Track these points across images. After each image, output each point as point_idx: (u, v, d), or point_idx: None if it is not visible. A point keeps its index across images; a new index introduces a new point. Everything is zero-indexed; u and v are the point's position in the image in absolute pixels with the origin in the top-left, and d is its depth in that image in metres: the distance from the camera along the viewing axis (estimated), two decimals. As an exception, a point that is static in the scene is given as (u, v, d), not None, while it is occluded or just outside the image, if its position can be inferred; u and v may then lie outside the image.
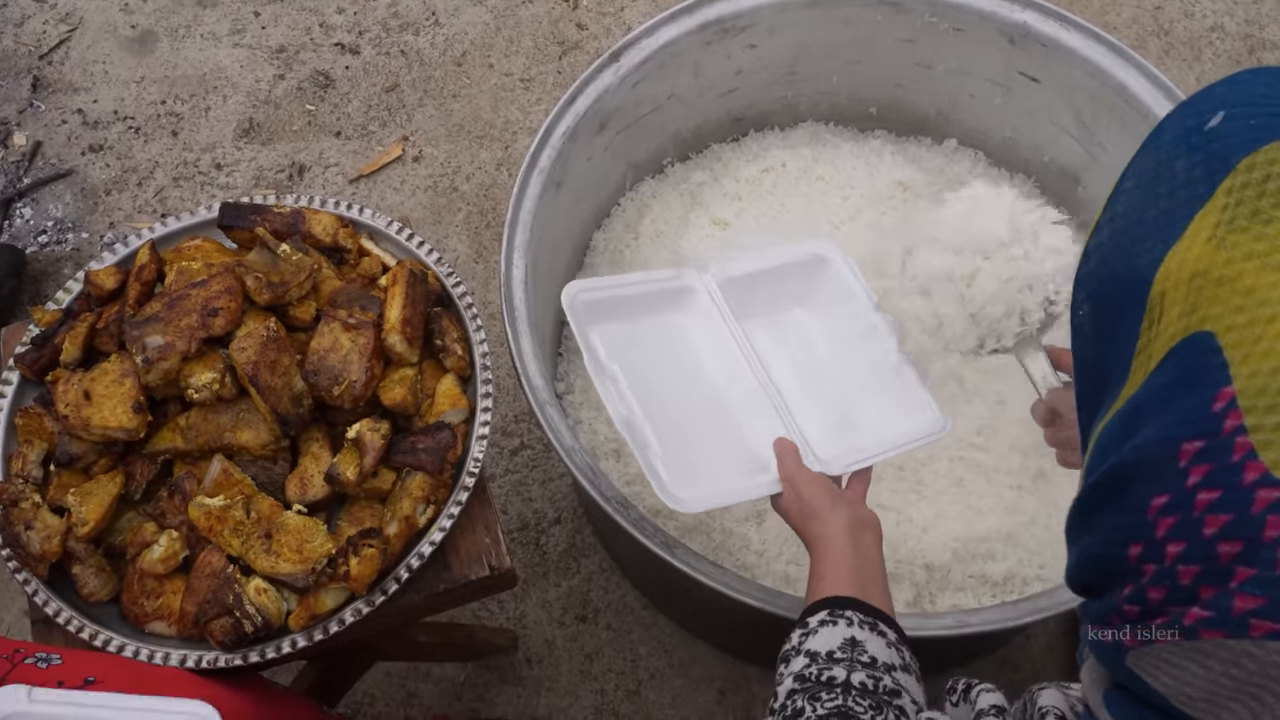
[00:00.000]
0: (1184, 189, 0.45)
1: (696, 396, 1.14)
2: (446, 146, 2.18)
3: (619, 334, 1.14)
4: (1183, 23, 2.31)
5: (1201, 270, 0.43)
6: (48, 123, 2.24)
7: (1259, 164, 0.43)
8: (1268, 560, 0.38)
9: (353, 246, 1.21)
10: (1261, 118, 0.45)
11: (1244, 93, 0.47)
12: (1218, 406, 0.40)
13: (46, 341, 1.13)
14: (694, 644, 1.70)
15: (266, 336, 1.06)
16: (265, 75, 2.28)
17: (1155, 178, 0.48)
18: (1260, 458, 0.38)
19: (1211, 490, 0.40)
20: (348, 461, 1.06)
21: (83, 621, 1.03)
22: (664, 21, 1.52)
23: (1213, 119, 0.46)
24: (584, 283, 1.13)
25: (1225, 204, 0.43)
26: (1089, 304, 0.51)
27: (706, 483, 1.06)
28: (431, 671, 1.70)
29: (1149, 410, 0.44)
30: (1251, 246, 0.41)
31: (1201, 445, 0.40)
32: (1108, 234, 0.50)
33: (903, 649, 0.80)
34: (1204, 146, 0.46)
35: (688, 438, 1.10)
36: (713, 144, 1.78)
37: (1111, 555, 0.45)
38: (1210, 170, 0.45)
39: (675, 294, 1.18)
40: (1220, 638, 0.40)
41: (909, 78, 1.68)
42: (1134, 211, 0.48)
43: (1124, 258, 0.48)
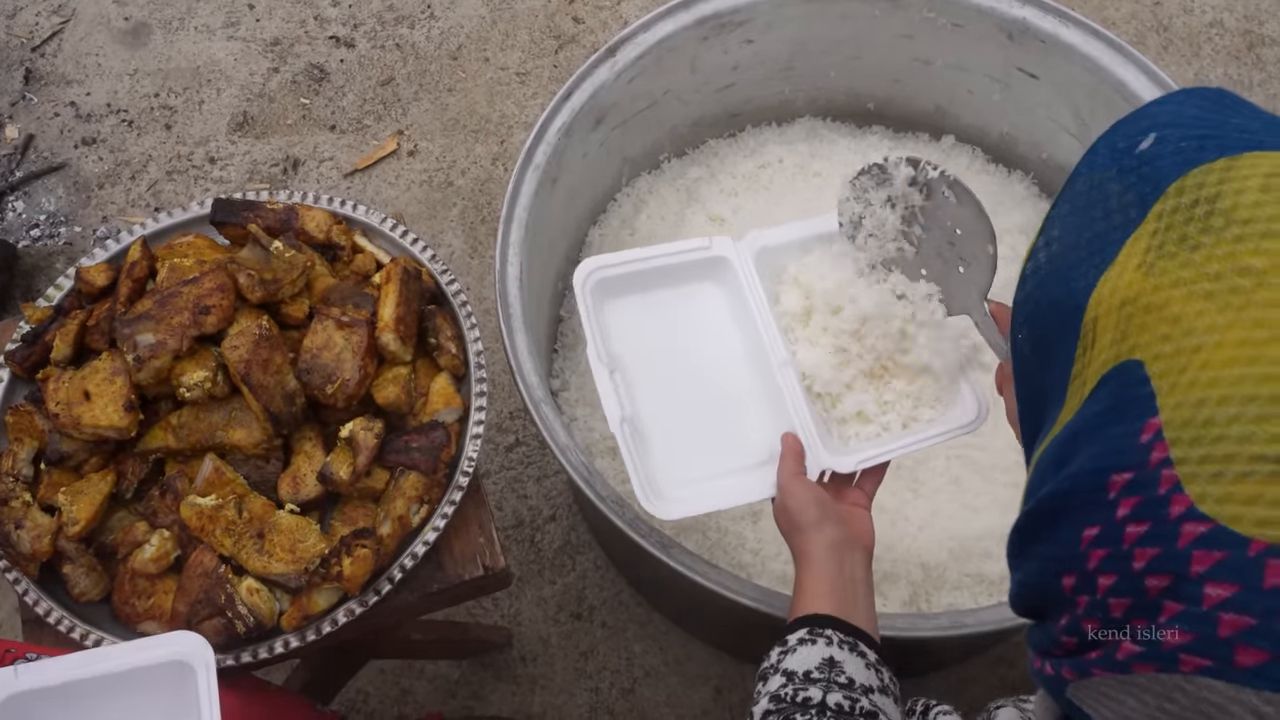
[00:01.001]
0: (1117, 213, 0.46)
1: (709, 378, 1.07)
2: (442, 141, 2.17)
3: (635, 309, 1.08)
4: (1182, 18, 2.30)
5: (1131, 297, 0.43)
6: (40, 115, 2.23)
7: (1188, 188, 0.43)
8: (1194, 596, 0.38)
9: (346, 243, 1.20)
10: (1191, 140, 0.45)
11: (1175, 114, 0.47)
12: (1145, 438, 0.40)
13: (37, 339, 1.12)
14: (689, 642, 1.70)
15: (259, 335, 1.05)
16: (259, 68, 2.26)
17: (1089, 202, 0.48)
18: (1186, 491, 0.38)
19: (1140, 523, 0.40)
20: (341, 461, 1.05)
21: (74, 621, 1.02)
22: (661, 16, 1.51)
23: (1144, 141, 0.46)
24: (601, 258, 1.06)
25: (1155, 229, 0.43)
26: (1027, 327, 0.51)
27: (704, 479, 1.02)
28: (426, 669, 1.69)
29: (1082, 438, 0.44)
30: (1179, 274, 0.41)
31: (1130, 477, 0.40)
32: (1044, 258, 0.50)
33: (882, 670, 0.79)
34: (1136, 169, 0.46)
35: (694, 424, 1.04)
36: (709, 139, 1.77)
37: (1048, 585, 0.45)
38: (1142, 194, 0.45)
39: (705, 265, 1.09)
40: (1152, 672, 0.40)
41: (907, 73, 1.67)
42: (1069, 235, 0.48)
43: (1059, 282, 0.48)
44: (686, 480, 1.01)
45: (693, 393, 1.06)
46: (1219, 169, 0.43)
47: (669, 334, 1.08)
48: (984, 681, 1.67)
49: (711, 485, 1.01)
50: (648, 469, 0.99)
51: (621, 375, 1.03)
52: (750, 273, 1.08)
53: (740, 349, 1.08)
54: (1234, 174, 0.42)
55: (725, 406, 1.06)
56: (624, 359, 1.05)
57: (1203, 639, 0.38)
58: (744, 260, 1.08)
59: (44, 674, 0.85)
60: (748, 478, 1.01)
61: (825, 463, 1.00)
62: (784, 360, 1.04)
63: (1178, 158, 0.44)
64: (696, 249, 1.09)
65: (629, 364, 1.05)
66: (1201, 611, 0.38)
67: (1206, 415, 0.38)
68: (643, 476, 0.97)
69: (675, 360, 1.07)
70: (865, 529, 0.94)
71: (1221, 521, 0.37)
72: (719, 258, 1.09)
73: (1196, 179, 0.43)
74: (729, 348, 1.09)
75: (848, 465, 1.00)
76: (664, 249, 1.08)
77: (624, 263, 1.06)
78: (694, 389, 1.06)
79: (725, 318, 1.10)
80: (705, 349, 1.08)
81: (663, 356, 1.06)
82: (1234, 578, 0.37)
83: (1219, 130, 0.45)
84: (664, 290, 1.10)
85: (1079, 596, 0.43)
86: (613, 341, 1.05)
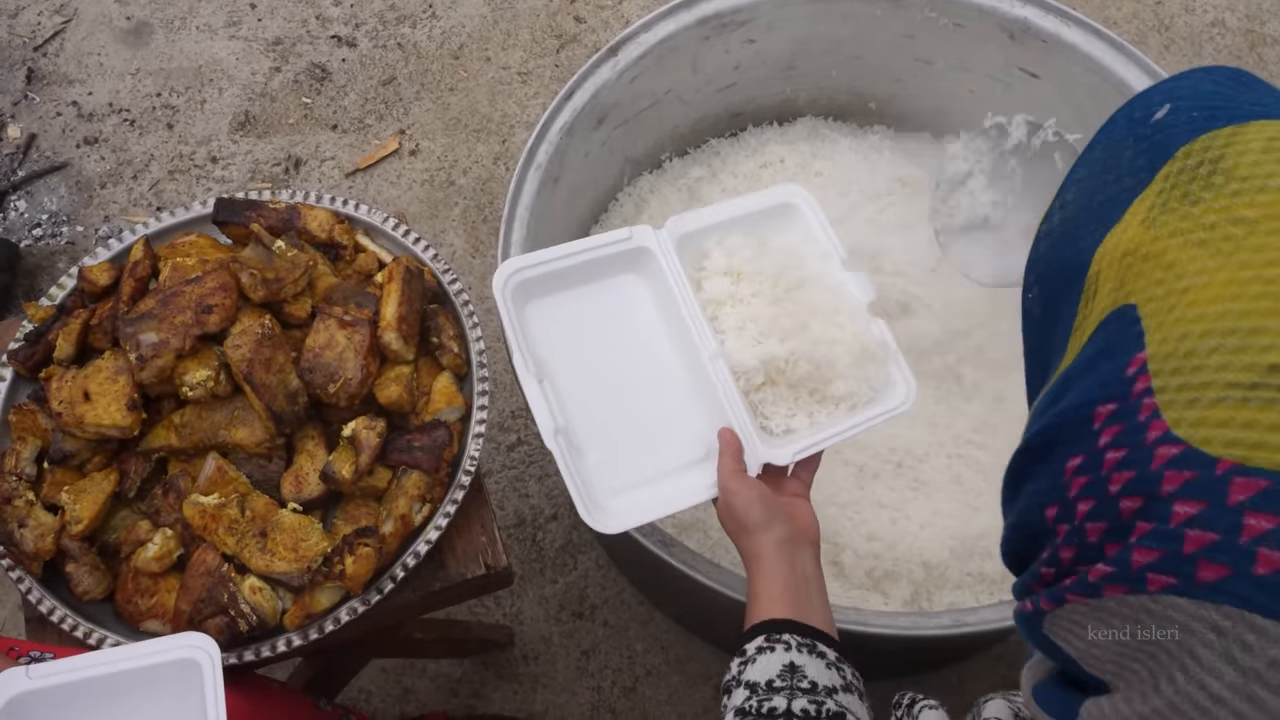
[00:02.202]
0: (1128, 176, 0.48)
1: (640, 375, 1.03)
2: (443, 140, 2.17)
3: (559, 309, 1.03)
4: (1183, 18, 2.30)
5: (1132, 249, 0.45)
6: (42, 115, 2.23)
7: (1195, 151, 0.45)
8: (1164, 514, 0.39)
9: (348, 242, 1.20)
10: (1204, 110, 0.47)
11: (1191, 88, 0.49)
12: (1130, 371, 0.42)
13: (40, 338, 1.12)
14: (691, 641, 1.70)
15: (261, 334, 1.05)
16: (261, 68, 2.27)
17: (1104, 167, 0.50)
18: (1163, 417, 0.40)
19: (1119, 449, 0.41)
20: (343, 460, 1.06)
21: (77, 620, 1.02)
22: (662, 16, 1.51)
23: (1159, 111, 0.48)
24: (521, 259, 1.01)
25: (1162, 188, 0.45)
26: (1038, 287, 0.53)
27: (643, 483, 0.98)
28: (428, 668, 1.70)
29: (1074, 379, 0.45)
30: (1177, 225, 0.43)
31: (1114, 408, 0.42)
32: (1058, 220, 0.52)
33: (844, 667, 0.78)
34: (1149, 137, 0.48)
35: (630, 426, 1.00)
36: (711, 139, 1.77)
37: (1034, 520, 0.47)
38: (1152, 158, 0.47)
39: (628, 256, 1.05)
40: (1122, 594, 0.41)
41: (908, 73, 1.67)
42: (1082, 198, 0.51)
43: (1070, 242, 0.50)
44: (626, 486, 0.98)
45: (625, 392, 1.02)
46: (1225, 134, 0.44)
47: (596, 332, 1.04)
48: (985, 679, 1.68)
49: (652, 490, 0.98)
50: (585, 479, 0.95)
51: (550, 383, 0.99)
52: (674, 261, 1.04)
53: (669, 342, 1.05)
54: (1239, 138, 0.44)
55: (659, 403, 1.02)
56: (551, 364, 1.00)
57: (1169, 556, 0.39)
58: (666, 249, 1.04)
59: (55, 673, 0.86)
60: (688, 477, 0.98)
61: (763, 456, 0.97)
62: (714, 352, 1.01)
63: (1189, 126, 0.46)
64: (617, 241, 1.04)
65: (557, 369, 1.01)
66: (1169, 529, 0.39)
67: (1189, 347, 0.40)
68: (581, 489, 0.94)
69: (604, 359, 1.03)
70: (809, 521, 0.93)
71: (1193, 444, 0.38)
72: (641, 248, 1.05)
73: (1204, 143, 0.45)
74: (658, 341, 1.05)
75: (785, 457, 0.97)
76: (585, 243, 1.03)
77: (544, 261, 1.02)
78: (625, 388, 1.02)
79: (651, 310, 1.06)
80: (634, 344, 1.04)
81: (591, 356, 1.03)
82: (1201, 495, 0.38)
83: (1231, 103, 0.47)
84: (587, 286, 1.05)
85: (1060, 526, 0.44)
86: (538, 347, 1.01)
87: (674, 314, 1.03)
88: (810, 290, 1.06)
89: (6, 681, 0.85)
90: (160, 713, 0.88)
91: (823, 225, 1.10)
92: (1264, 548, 0.36)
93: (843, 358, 1.02)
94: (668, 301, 1.04)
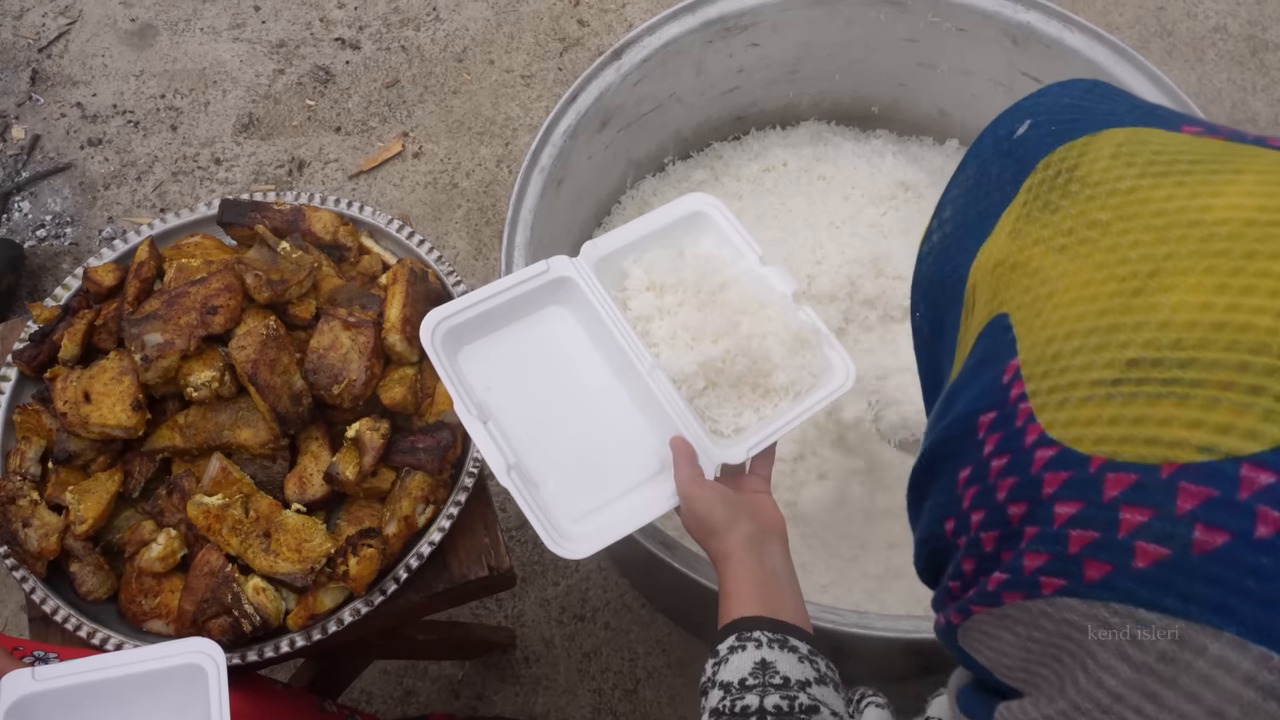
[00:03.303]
0: (996, 190, 0.50)
1: (583, 401, 1.04)
2: (447, 143, 2.17)
3: (491, 351, 1.04)
4: (1185, 23, 2.30)
5: (1002, 259, 0.46)
6: (46, 116, 2.23)
7: (1054, 162, 0.47)
8: (1047, 517, 0.39)
9: (353, 244, 1.21)
10: (1061, 123, 0.49)
11: (1050, 104, 0.51)
12: (1006, 378, 0.43)
13: (45, 338, 1.13)
14: (692, 643, 1.70)
15: (266, 335, 1.05)
16: (265, 70, 2.27)
17: (975, 184, 0.52)
18: (1038, 420, 0.40)
19: (1002, 456, 0.42)
20: (347, 461, 1.06)
21: (80, 619, 1.03)
22: (666, 19, 1.51)
23: (1021, 127, 0.51)
24: (444, 308, 1.01)
25: (1025, 199, 0.47)
26: (924, 305, 0.54)
27: (604, 505, 0.98)
28: (429, 670, 1.70)
29: (959, 391, 0.47)
30: (1039, 233, 0.45)
31: (994, 415, 0.43)
32: (937, 238, 0.54)
33: (817, 660, 0.78)
34: (1013, 152, 0.50)
35: (582, 452, 1.01)
36: (714, 142, 1.78)
37: (936, 534, 0.47)
38: (1016, 172, 0.49)
39: (549, 288, 1.06)
40: (1020, 600, 0.41)
41: (911, 77, 1.68)
42: (957, 215, 0.52)
43: (948, 259, 0.52)
44: (587, 510, 0.98)
45: (571, 420, 1.03)
46: (1080, 144, 0.46)
47: (532, 366, 1.05)
48: (986, 684, 1.68)
49: (613, 510, 0.98)
50: (546, 510, 0.95)
51: (495, 423, 0.99)
52: (595, 285, 1.05)
53: (605, 364, 1.05)
54: (1091, 147, 0.46)
55: (606, 425, 1.03)
56: (493, 406, 1.00)
57: (1056, 558, 0.39)
58: (586, 275, 1.05)
59: (59, 676, 0.86)
60: (648, 491, 0.98)
61: (717, 457, 0.97)
62: (651, 365, 1.01)
63: (1048, 139, 0.48)
64: (535, 275, 1.05)
65: (500, 409, 1.01)
66: (1053, 531, 0.39)
67: (1055, 350, 0.41)
68: (543, 520, 0.93)
69: (545, 392, 1.04)
70: (773, 516, 0.93)
71: (1066, 444, 0.39)
72: (561, 278, 1.05)
73: (1061, 154, 0.47)
74: (594, 365, 1.06)
75: (739, 454, 0.97)
76: (503, 283, 1.04)
77: (467, 307, 1.02)
78: (571, 416, 1.03)
79: (583, 337, 1.07)
80: (571, 372, 1.05)
81: (532, 391, 1.03)
82: (1078, 494, 0.38)
83: (1087, 115, 0.49)
84: (515, 324, 1.06)
85: (959, 538, 0.45)
86: (477, 390, 1.01)
87: (605, 336, 1.04)
88: (734, 290, 1.07)
89: (11, 684, 0.85)
90: (164, 718, 0.88)
91: (735, 228, 1.11)
92: (1140, 541, 0.36)
93: (777, 349, 1.03)
94: (597, 325, 1.04)
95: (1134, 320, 0.39)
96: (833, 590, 1.38)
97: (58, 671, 0.87)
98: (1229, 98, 2.21)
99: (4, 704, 0.84)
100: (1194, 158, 0.43)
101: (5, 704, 0.84)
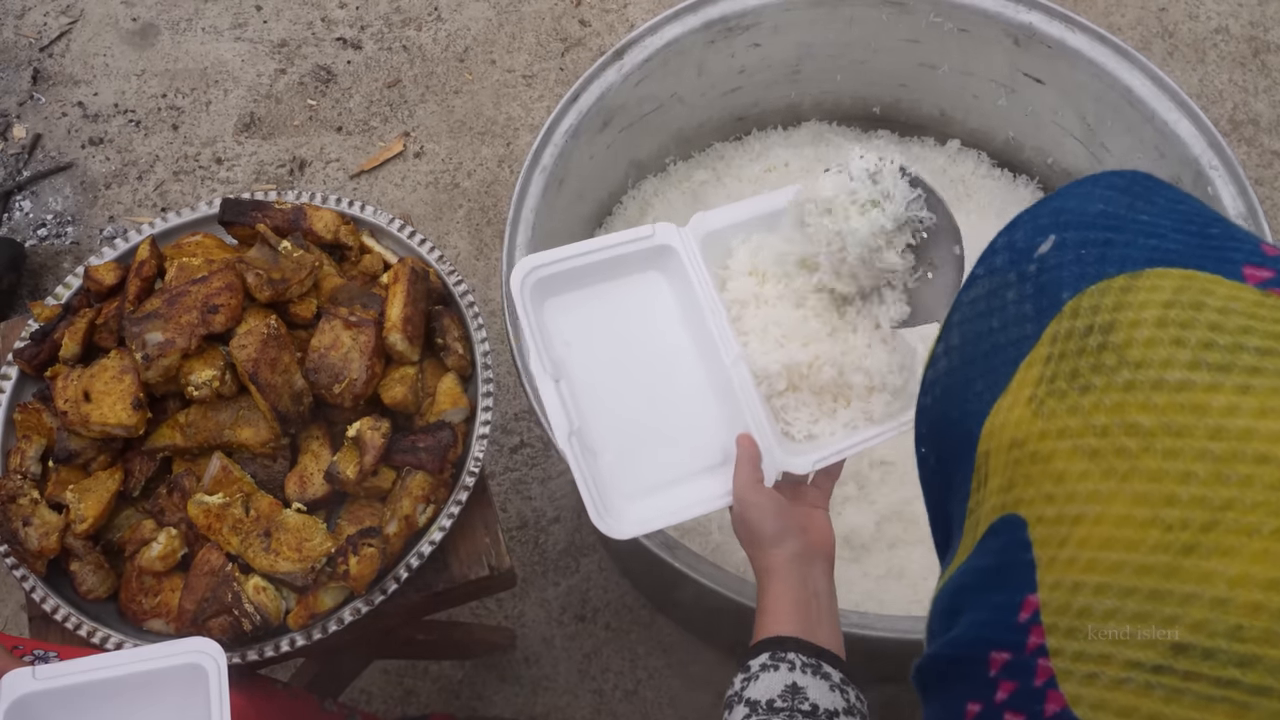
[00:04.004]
0: (1013, 326, 0.42)
1: (658, 375, 1.00)
2: (448, 143, 2.17)
3: (578, 307, 1.00)
4: (1187, 25, 2.30)
5: (1020, 439, 0.40)
6: (48, 115, 2.23)
7: (1083, 310, 0.39)
8: None
9: (354, 244, 1.21)
10: (1093, 246, 0.41)
11: (1079, 210, 0.43)
12: (1023, 617, 0.38)
13: (46, 337, 1.13)
14: (693, 644, 1.70)
15: (267, 334, 1.05)
16: (266, 69, 2.27)
17: (987, 308, 0.45)
18: (1060, 689, 0.36)
19: (1016, 713, 0.38)
20: (347, 460, 1.06)
21: (80, 619, 1.02)
22: (668, 19, 1.51)
23: (1044, 243, 0.43)
24: (539, 256, 0.98)
25: (1049, 354, 0.40)
26: (929, 442, 0.49)
27: (658, 487, 0.95)
28: (429, 670, 1.70)
29: (968, 595, 0.42)
30: (1065, 421, 0.38)
31: (1008, 658, 0.38)
32: (944, 367, 0.47)
33: (848, 690, 0.77)
34: (1034, 277, 0.42)
35: (647, 428, 0.98)
36: (715, 143, 1.78)
37: None
38: (1039, 307, 0.41)
39: (650, 254, 1.02)
40: None
41: (913, 78, 1.68)
42: (967, 346, 0.46)
43: (956, 401, 0.45)
44: (640, 490, 0.95)
45: (642, 393, 0.99)
46: (1117, 289, 0.39)
47: (614, 330, 1.01)
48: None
49: (666, 495, 0.95)
50: (598, 482, 0.93)
51: (567, 383, 0.96)
52: (697, 259, 1.01)
53: (690, 342, 1.01)
54: (1131, 298, 0.38)
55: (676, 405, 1.00)
56: (568, 364, 0.97)
57: None
58: (689, 247, 1.01)
59: (60, 675, 0.86)
60: (704, 483, 0.96)
61: (781, 464, 0.94)
62: (736, 356, 0.98)
63: (1076, 268, 0.41)
64: (639, 238, 1.01)
65: (573, 369, 0.97)
66: None
67: (1083, 604, 0.36)
68: (594, 492, 0.91)
69: (622, 358, 1.00)
70: (825, 534, 0.90)
71: None
72: (663, 246, 1.01)
73: (1093, 299, 0.39)
74: (678, 341, 1.02)
75: (804, 466, 0.94)
76: (606, 240, 1.00)
77: (564, 259, 0.98)
78: (643, 388, 1.00)
79: (673, 309, 1.03)
80: (653, 344, 1.01)
81: (609, 355, 1.00)
82: None
83: (1123, 232, 0.41)
84: (607, 284, 1.02)
85: None
86: (555, 346, 0.98)
87: (696, 314, 1.00)
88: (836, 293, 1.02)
89: (12, 683, 0.85)
90: (165, 717, 0.88)
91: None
92: None
93: (869, 366, 0.99)
94: (690, 301, 1.01)
95: (1183, 589, 0.33)
96: (833, 591, 1.38)
97: (58, 671, 0.87)
98: (1230, 99, 2.21)
99: (4, 703, 0.84)
100: (1263, 343, 0.35)
101: (5, 703, 0.84)
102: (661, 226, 1.02)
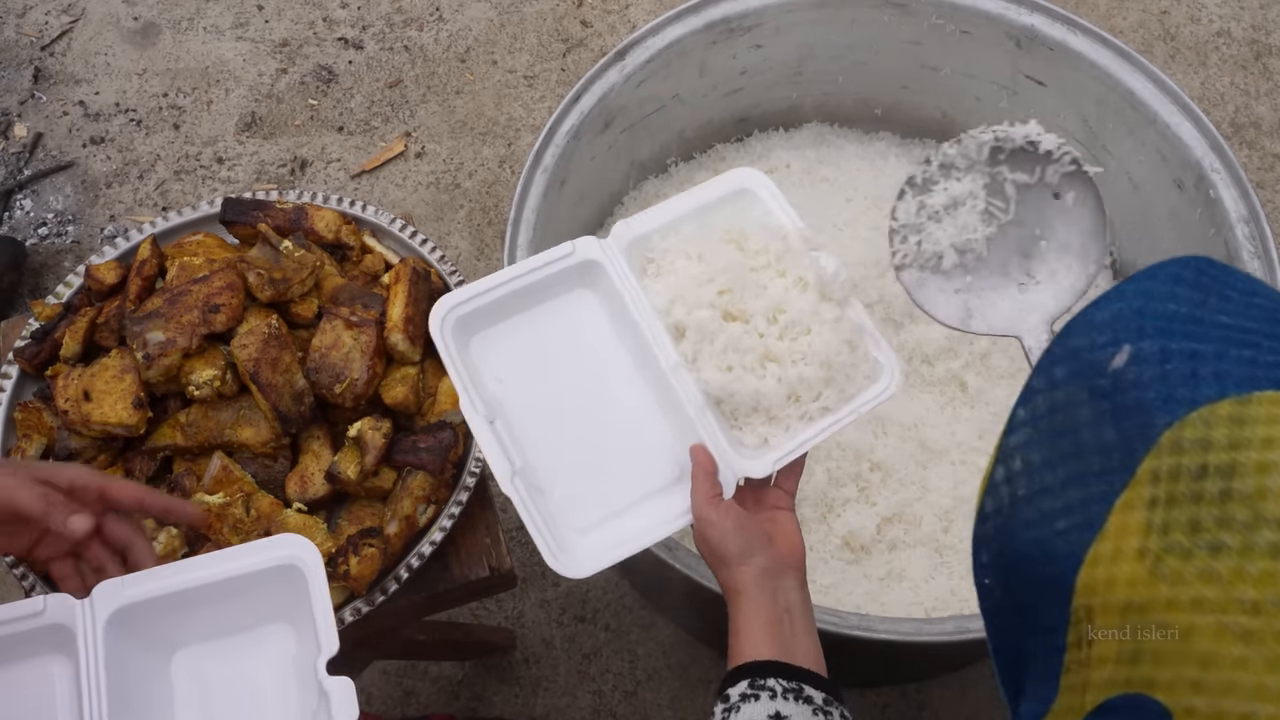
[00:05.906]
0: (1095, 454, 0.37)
1: (599, 397, 0.95)
2: (449, 143, 2.17)
3: (506, 341, 0.95)
4: (1189, 27, 2.30)
5: (1139, 604, 0.34)
6: (49, 114, 2.23)
7: (1188, 444, 0.34)
8: None
9: (355, 243, 1.21)
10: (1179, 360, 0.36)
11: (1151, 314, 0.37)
12: None
13: (46, 336, 1.12)
14: (693, 646, 1.70)
15: (268, 334, 1.05)
16: (268, 69, 2.27)
17: (1056, 428, 0.40)
18: None
19: None
20: (348, 460, 1.06)
21: (80, 618, 1.02)
22: (670, 20, 1.51)
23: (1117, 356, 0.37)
24: (458, 293, 0.93)
25: (1153, 496, 0.35)
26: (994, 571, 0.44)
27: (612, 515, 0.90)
28: (429, 670, 1.69)
29: None
30: (1200, 590, 0.33)
31: None
32: (1007, 496, 0.42)
33: (831, 711, 0.74)
34: (1110, 395, 0.37)
35: (595, 454, 0.93)
36: (717, 144, 1.78)
37: None
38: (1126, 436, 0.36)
39: (575, 272, 0.96)
40: None
41: (915, 80, 1.68)
42: (1036, 474, 0.40)
43: (1032, 536, 0.40)
44: (595, 521, 0.90)
45: (586, 418, 0.94)
46: (1225, 419, 0.34)
47: (548, 357, 0.96)
48: (987, 687, 1.67)
49: (623, 523, 0.90)
50: (550, 520, 0.88)
51: (503, 422, 0.91)
52: (623, 270, 0.96)
53: (628, 357, 0.96)
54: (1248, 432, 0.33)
55: (622, 425, 0.94)
56: (502, 401, 0.92)
57: None
58: (614, 258, 0.96)
59: (150, 583, 0.84)
60: (662, 502, 0.91)
61: (739, 469, 0.89)
62: (675, 363, 0.92)
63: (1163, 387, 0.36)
64: (560, 258, 0.96)
65: (509, 405, 0.92)
66: None
67: None
68: (545, 532, 0.86)
69: (560, 386, 0.95)
70: (793, 543, 0.85)
71: None
72: (587, 261, 0.96)
73: (1197, 430, 0.34)
74: (616, 358, 0.97)
75: (763, 469, 0.89)
76: (526, 265, 0.96)
77: (483, 291, 0.94)
78: (586, 413, 0.95)
79: (605, 326, 0.97)
80: (590, 365, 0.96)
81: (545, 385, 0.95)
82: None
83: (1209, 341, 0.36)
84: (534, 310, 0.97)
85: None
86: (486, 385, 0.93)
87: (629, 328, 0.95)
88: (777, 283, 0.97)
89: (104, 594, 0.82)
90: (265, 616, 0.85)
91: (783, 207, 1.00)
92: None
93: (820, 356, 0.93)
94: (621, 315, 0.96)
95: None
96: (834, 592, 1.38)
97: (148, 578, 0.84)
98: (1232, 102, 2.21)
99: (102, 614, 0.81)
100: None
101: (104, 614, 0.81)
102: (582, 241, 0.97)
